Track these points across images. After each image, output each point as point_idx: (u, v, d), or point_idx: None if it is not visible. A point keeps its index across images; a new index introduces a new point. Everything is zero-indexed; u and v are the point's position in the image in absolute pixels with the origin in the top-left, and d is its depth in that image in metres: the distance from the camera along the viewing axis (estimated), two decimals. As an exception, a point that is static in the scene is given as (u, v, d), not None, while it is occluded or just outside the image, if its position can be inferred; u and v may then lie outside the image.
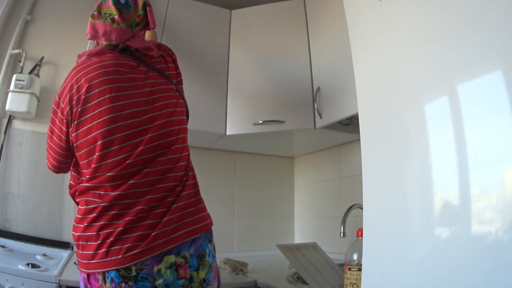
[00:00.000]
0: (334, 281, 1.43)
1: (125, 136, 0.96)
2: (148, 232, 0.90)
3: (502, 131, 0.66)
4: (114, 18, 1.04)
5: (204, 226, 0.99)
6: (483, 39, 0.70)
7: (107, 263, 0.88)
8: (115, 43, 1.05)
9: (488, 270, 0.65)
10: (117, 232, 0.89)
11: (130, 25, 1.05)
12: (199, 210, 1.00)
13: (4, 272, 1.26)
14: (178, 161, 1.01)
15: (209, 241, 1.00)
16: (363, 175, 0.93)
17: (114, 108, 0.96)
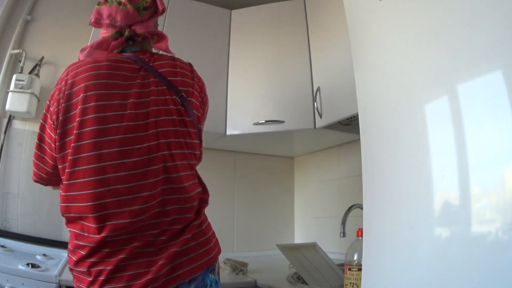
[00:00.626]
0: (334, 281, 1.43)
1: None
2: (142, 272, 0.80)
3: (502, 131, 0.66)
4: (120, 1, 0.95)
5: (206, 262, 0.88)
6: (483, 39, 0.70)
7: None
8: (120, 25, 0.95)
9: (488, 270, 0.65)
10: (108, 271, 0.80)
11: (137, 8, 0.95)
12: (202, 243, 0.89)
13: (4, 272, 1.26)
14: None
15: (211, 272, 0.90)
16: (363, 175, 0.93)
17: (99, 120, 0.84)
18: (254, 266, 1.76)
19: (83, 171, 0.83)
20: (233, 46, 1.94)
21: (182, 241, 0.85)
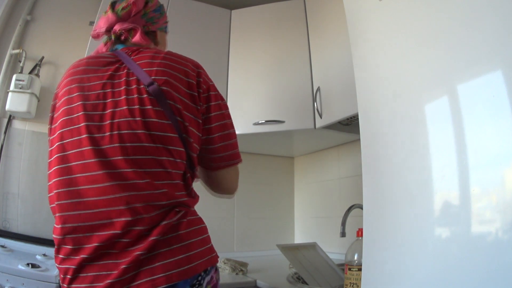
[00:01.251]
0: (334, 281, 1.43)
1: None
2: (105, 274, 0.76)
3: (502, 131, 0.66)
4: (106, 10, 1.05)
5: (176, 274, 0.77)
6: (483, 39, 0.70)
7: None
8: (102, 32, 1.04)
9: (488, 270, 0.65)
10: (73, 269, 0.78)
11: (116, 11, 1.03)
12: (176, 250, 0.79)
13: (4, 272, 1.26)
14: None
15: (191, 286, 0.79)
16: (363, 175, 0.93)
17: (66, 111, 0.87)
18: (254, 266, 1.76)
19: (52, 161, 0.86)
20: (233, 46, 1.94)
21: (148, 244, 0.76)
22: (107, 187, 0.78)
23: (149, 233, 0.78)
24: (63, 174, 0.82)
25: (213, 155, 0.98)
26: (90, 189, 0.79)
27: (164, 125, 0.84)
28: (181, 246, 0.80)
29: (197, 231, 0.85)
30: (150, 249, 0.76)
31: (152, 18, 1.08)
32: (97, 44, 1.10)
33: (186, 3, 1.94)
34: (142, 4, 1.04)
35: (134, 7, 1.02)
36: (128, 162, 0.80)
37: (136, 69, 0.89)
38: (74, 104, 0.86)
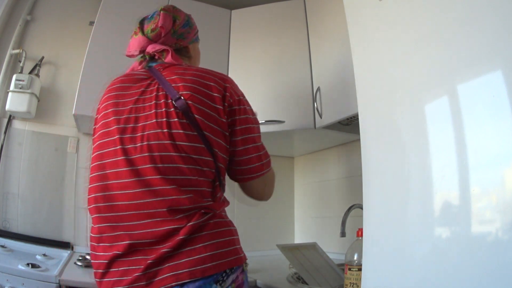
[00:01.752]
0: (334, 281, 1.43)
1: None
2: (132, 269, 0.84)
3: (502, 131, 0.66)
4: (135, 31, 1.10)
5: (200, 270, 0.82)
6: (483, 39, 0.70)
7: None
8: (136, 54, 1.11)
9: (488, 270, 0.65)
10: (105, 264, 0.87)
11: (146, 33, 1.08)
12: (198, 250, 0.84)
13: (4, 272, 1.26)
14: None
15: (216, 282, 0.84)
16: (363, 175, 0.93)
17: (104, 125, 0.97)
18: (254, 266, 1.75)
19: (92, 167, 0.96)
20: (233, 46, 1.94)
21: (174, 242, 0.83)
22: (136, 193, 0.87)
23: (176, 233, 0.84)
24: (100, 180, 0.92)
25: (238, 167, 1.04)
26: (122, 194, 0.88)
27: (189, 136, 0.90)
28: (205, 245, 0.85)
29: (223, 232, 0.90)
30: (175, 247, 0.83)
31: (182, 34, 1.12)
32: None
33: (186, 3, 1.94)
34: (170, 25, 1.08)
35: (163, 30, 1.07)
36: (156, 170, 0.87)
37: (165, 85, 0.96)
38: (110, 118, 0.96)
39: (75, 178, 1.91)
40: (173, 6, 1.14)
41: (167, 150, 0.89)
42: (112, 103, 0.98)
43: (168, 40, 1.08)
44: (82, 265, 1.47)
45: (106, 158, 0.93)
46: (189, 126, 0.91)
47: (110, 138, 0.93)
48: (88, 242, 1.87)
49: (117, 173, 0.89)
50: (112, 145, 0.92)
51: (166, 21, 1.07)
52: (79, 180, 1.92)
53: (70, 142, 1.95)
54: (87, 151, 1.98)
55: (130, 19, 1.81)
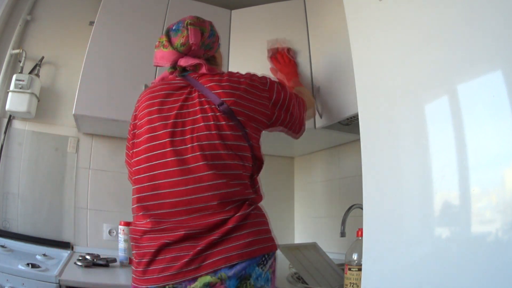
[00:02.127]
0: (334, 281, 1.43)
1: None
2: (182, 255, 0.92)
3: (502, 131, 0.66)
4: (164, 44, 1.17)
5: (247, 252, 0.94)
6: (484, 39, 0.70)
7: (146, 281, 0.94)
8: (168, 66, 1.18)
9: (488, 270, 0.65)
10: (152, 252, 0.94)
11: (176, 47, 1.15)
12: (244, 236, 0.96)
13: (4, 272, 1.26)
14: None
15: (258, 265, 0.96)
16: (363, 175, 0.93)
17: (150, 129, 1.05)
18: (254, 266, 1.75)
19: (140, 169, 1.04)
20: (233, 46, 1.94)
21: (223, 230, 0.94)
22: (188, 190, 0.96)
23: (225, 222, 0.95)
24: (149, 180, 1.00)
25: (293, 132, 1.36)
26: (172, 192, 0.97)
27: (235, 136, 1.04)
28: (249, 232, 0.97)
29: (262, 222, 1.03)
30: (224, 234, 0.94)
31: (209, 44, 1.20)
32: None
33: (186, 3, 1.94)
34: (199, 39, 1.15)
35: (194, 45, 1.14)
36: (208, 167, 0.98)
37: (206, 92, 1.08)
38: (156, 123, 1.05)
39: (75, 178, 1.91)
40: (197, 18, 1.20)
41: (216, 149, 1.00)
42: (157, 110, 1.07)
43: (198, 52, 1.17)
44: (82, 265, 1.47)
45: (154, 160, 1.01)
46: (234, 127, 1.05)
47: (158, 141, 1.02)
48: (88, 242, 1.87)
49: (167, 173, 0.98)
50: (161, 148, 1.01)
51: (196, 37, 1.15)
52: (79, 180, 1.92)
53: (70, 142, 1.95)
54: (89, 151, 1.98)
55: (130, 19, 1.83)
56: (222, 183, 0.98)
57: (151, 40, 1.82)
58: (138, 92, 1.77)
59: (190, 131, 1.02)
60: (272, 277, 1.01)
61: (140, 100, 1.15)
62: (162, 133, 1.03)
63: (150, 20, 1.85)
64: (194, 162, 0.98)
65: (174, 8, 1.90)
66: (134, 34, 1.80)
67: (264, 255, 0.98)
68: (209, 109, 1.05)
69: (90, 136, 1.99)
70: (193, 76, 1.13)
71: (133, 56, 1.76)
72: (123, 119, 1.70)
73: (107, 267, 1.55)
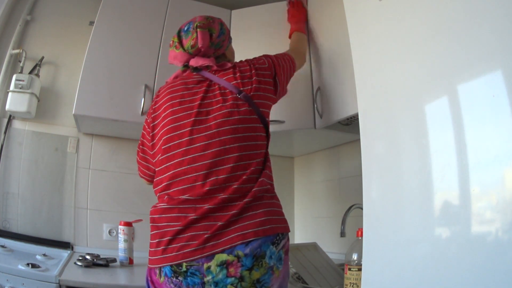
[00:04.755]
0: (334, 281, 1.43)
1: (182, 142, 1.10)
2: (201, 233, 0.96)
3: (502, 131, 0.66)
4: (176, 45, 1.25)
5: (262, 230, 0.99)
6: (483, 39, 0.70)
7: (164, 259, 0.98)
8: (181, 65, 1.26)
9: (488, 270, 0.65)
10: (173, 231, 0.98)
11: (186, 49, 1.23)
12: (259, 214, 1.01)
13: (4, 272, 1.26)
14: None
15: (272, 243, 1.00)
16: (363, 175, 0.93)
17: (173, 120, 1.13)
18: (254, 266, 1.75)
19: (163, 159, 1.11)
20: (233, 46, 1.94)
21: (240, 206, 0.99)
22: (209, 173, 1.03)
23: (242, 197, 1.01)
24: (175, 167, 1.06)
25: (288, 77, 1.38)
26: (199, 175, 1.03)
27: (254, 119, 1.14)
28: (265, 211, 1.02)
29: (276, 204, 1.09)
30: (241, 211, 0.99)
31: (219, 43, 1.27)
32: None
33: (186, 3, 1.94)
34: (207, 40, 1.23)
35: (203, 48, 1.22)
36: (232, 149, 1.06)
37: (225, 84, 1.16)
38: (180, 114, 1.12)
39: (75, 178, 1.91)
40: (206, 18, 1.26)
41: (238, 132, 1.09)
42: (178, 102, 1.15)
43: (207, 52, 1.24)
44: (82, 265, 1.47)
45: (184, 146, 1.07)
46: (252, 111, 1.14)
47: (183, 129, 1.09)
48: (88, 242, 1.87)
49: (195, 158, 1.05)
50: (188, 135, 1.08)
51: (205, 40, 1.22)
52: (79, 180, 1.92)
53: (70, 142, 1.95)
54: (89, 151, 1.98)
55: (130, 19, 1.83)
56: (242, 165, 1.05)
57: (151, 40, 1.83)
58: (138, 92, 1.78)
59: (214, 118, 1.09)
60: (285, 257, 1.04)
61: (160, 95, 1.22)
62: (187, 122, 1.10)
63: (150, 20, 1.85)
64: (219, 145, 1.05)
65: (174, 8, 1.90)
66: (134, 34, 1.80)
67: (278, 234, 1.02)
68: (231, 98, 1.13)
69: (90, 136, 1.99)
70: (209, 71, 1.20)
71: (133, 56, 1.76)
72: (123, 119, 1.70)
73: (107, 267, 1.55)
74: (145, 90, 1.73)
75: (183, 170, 1.06)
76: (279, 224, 1.04)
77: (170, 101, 1.17)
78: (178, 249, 0.96)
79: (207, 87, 1.17)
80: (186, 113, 1.12)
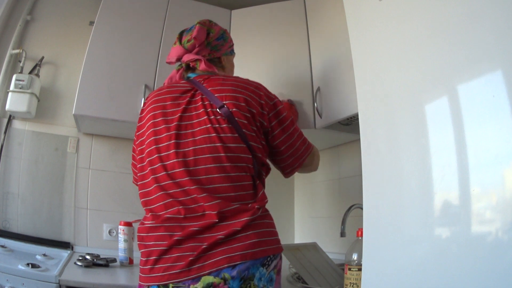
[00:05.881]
0: (334, 281, 1.43)
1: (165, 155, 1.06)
2: (187, 254, 0.93)
3: (502, 131, 0.66)
4: (175, 41, 1.24)
5: (250, 253, 0.94)
6: (483, 39, 0.70)
7: (151, 278, 0.96)
8: (174, 62, 1.24)
9: (488, 270, 0.65)
10: (159, 251, 0.95)
11: (183, 43, 1.21)
12: (249, 236, 0.96)
13: (4, 272, 1.26)
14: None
15: (262, 265, 0.96)
16: (363, 175, 0.93)
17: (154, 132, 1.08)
18: (254, 266, 1.75)
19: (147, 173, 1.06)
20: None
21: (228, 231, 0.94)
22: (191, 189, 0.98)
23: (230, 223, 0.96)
24: (156, 182, 1.02)
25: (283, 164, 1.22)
26: (177, 192, 0.99)
27: (235, 138, 1.04)
28: (255, 233, 0.98)
29: (268, 224, 1.05)
30: (229, 235, 0.94)
31: (216, 46, 1.24)
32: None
33: (186, 3, 1.94)
34: (204, 37, 1.21)
35: (197, 41, 1.19)
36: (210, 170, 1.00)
37: (208, 95, 1.09)
38: (160, 126, 1.07)
39: (75, 178, 1.91)
40: (209, 20, 1.25)
41: (217, 152, 1.01)
42: (161, 113, 1.10)
43: (202, 51, 1.21)
44: (82, 265, 1.47)
45: (158, 162, 1.03)
46: (233, 129, 1.05)
47: (162, 144, 1.05)
48: (88, 242, 1.87)
49: (171, 175, 1.00)
50: (165, 150, 1.03)
51: (200, 34, 1.19)
52: (79, 180, 1.92)
53: (70, 142, 1.95)
54: (89, 151, 1.98)
55: (130, 19, 1.83)
56: (224, 187, 0.99)
57: (151, 40, 1.83)
58: (138, 92, 1.78)
59: (192, 134, 1.04)
60: (276, 277, 1.01)
61: (146, 103, 1.18)
62: (165, 136, 1.05)
63: (150, 20, 1.85)
64: (195, 165, 1.00)
65: (174, 8, 1.90)
66: (134, 34, 1.80)
67: (268, 256, 0.99)
68: (211, 112, 1.06)
69: (90, 136, 1.99)
70: (198, 80, 1.15)
71: (133, 56, 1.76)
72: (123, 119, 1.70)
73: (107, 267, 1.55)
74: (145, 90, 1.73)
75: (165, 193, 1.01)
76: (270, 245, 1.01)
77: (152, 111, 1.12)
78: (164, 270, 0.94)
79: (191, 97, 1.11)
80: (166, 126, 1.07)
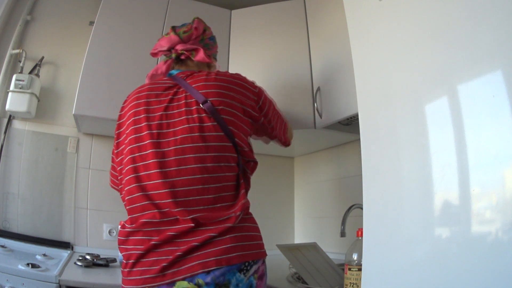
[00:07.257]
0: (334, 281, 1.43)
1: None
2: (162, 259, 0.90)
3: (502, 131, 0.66)
4: (169, 31, 1.22)
5: (225, 259, 0.90)
6: (483, 39, 0.70)
7: (129, 281, 0.94)
8: (166, 49, 1.21)
9: (488, 270, 0.65)
10: (137, 255, 0.93)
11: (178, 34, 1.21)
12: (225, 241, 0.92)
13: (4, 272, 1.26)
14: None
15: (239, 271, 0.92)
16: (363, 175, 0.93)
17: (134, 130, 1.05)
18: (254, 266, 1.75)
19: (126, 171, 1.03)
20: (233, 46, 1.94)
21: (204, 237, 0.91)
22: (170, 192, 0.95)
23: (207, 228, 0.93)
24: (135, 182, 0.99)
25: (273, 132, 1.30)
26: (155, 194, 0.96)
27: (219, 136, 1.02)
28: (232, 237, 0.93)
29: (248, 228, 0.99)
30: (204, 241, 0.91)
31: (208, 44, 1.26)
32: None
33: (186, 3, 1.94)
34: (201, 31, 1.23)
35: (196, 32, 1.20)
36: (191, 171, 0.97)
37: (192, 91, 1.06)
38: (142, 124, 1.04)
39: (75, 178, 1.91)
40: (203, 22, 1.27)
41: (200, 151, 0.98)
42: (143, 110, 1.06)
43: (196, 45, 1.21)
44: (82, 265, 1.47)
45: (139, 161, 1.00)
46: (217, 127, 1.02)
47: (142, 143, 1.01)
48: (88, 242, 1.87)
49: (149, 175, 0.98)
50: (145, 149, 1.00)
51: (199, 26, 1.21)
52: (79, 180, 1.92)
53: (70, 142, 1.95)
54: (89, 151, 1.98)
55: (130, 19, 1.83)
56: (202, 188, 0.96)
57: (151, 40, 1.83)
58: (138, 92, 1.78)
59: (173, 133, 1.01)
60: (257, 283, 0.96)
61: (127, 101, 1.14)
62: (146, 134, 1.02)
63: (150, 20, 1.85)
64: (176, 165, 0.97)
65: (174, 8, 1.90)
66: (134, 34, 1.80)
67: (246, 262, 0.94)
68: (195, 110, 1.03)
69: (90, 136, 1.99)
70: (180, 76, 1.12)
71: (133, 56, 1.76)
72: (123, 119, 1.70)
73: (107, 267, 1.55)
74: (145, 90, 1.73)
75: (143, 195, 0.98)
76: (249, 250, 0.95)
77: (134, 108, 1.08)
78: (140, 273, 0.92)
79: (173, 94, 1.07)
80: (147, 123, 1.03)
